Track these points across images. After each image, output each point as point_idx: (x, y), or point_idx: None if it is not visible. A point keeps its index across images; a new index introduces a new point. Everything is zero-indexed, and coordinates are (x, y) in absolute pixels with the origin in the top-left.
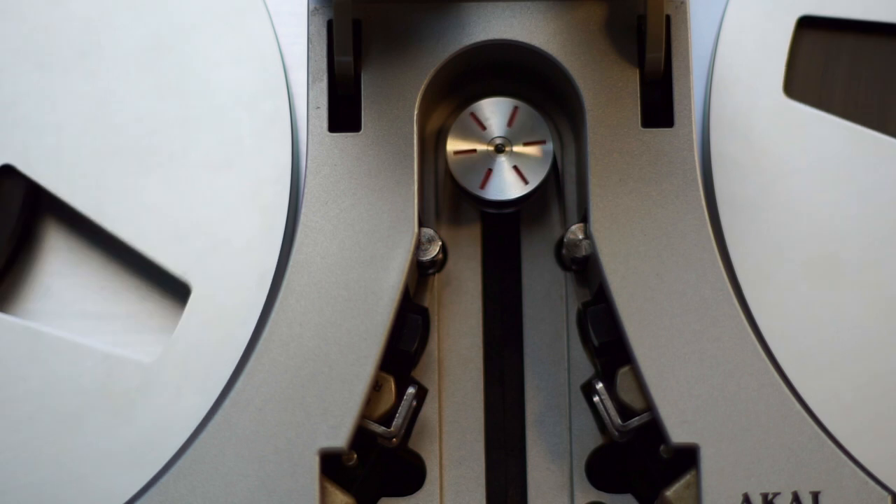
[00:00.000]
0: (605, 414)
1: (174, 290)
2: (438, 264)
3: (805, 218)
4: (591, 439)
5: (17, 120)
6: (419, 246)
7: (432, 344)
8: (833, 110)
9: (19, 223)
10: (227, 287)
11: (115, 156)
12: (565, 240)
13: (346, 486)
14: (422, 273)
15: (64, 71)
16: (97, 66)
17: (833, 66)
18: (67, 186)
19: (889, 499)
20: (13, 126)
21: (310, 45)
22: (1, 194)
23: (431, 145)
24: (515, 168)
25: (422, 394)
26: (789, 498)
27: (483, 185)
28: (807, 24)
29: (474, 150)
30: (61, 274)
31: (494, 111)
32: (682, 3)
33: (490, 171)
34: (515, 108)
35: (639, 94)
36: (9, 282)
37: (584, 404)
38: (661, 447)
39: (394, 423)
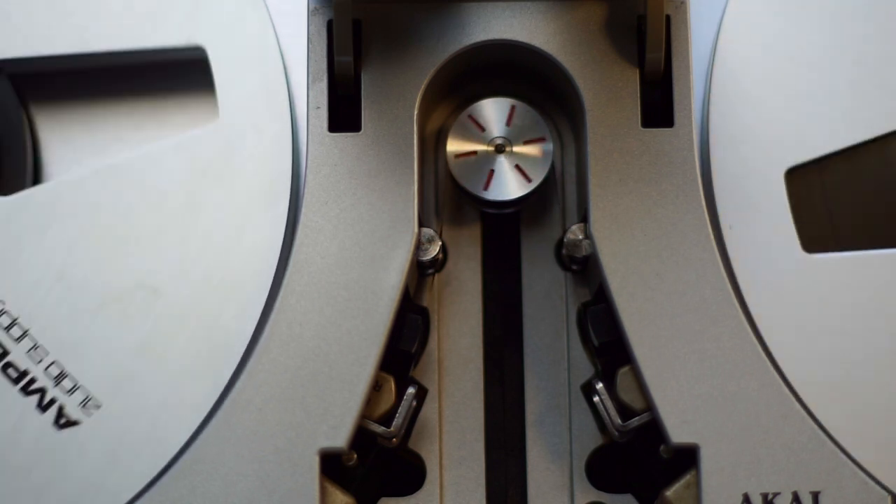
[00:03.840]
0: (605, 414)
1: (190, 74)
2: (438, 264)
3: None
4: (591, 439)
5: None
6: (419, 246)
7: (432, 344)
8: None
9: (18, 112)
10: (239, 36)
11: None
12: (565, 240)
13: (345, 486)
14: (422, 273)
15: None
16: None
17: None
18: (43, 41)
19: (889, 499)
20: None
21: (310, 45)
22: None
23: (431, 145)
24: (516, 168)
25: (422, 394)
26: (789, 498)
27: (483, 186)
28: None
29: (475, 153)
30: (77, 140)
31: (492, 111)
32: (682, 3)
33: (490, 171)
34: (513, 108)
35: (639, 94)
36: (46, 163)
37: (584, 404)
38: (661, 447)
39: (394, 423)
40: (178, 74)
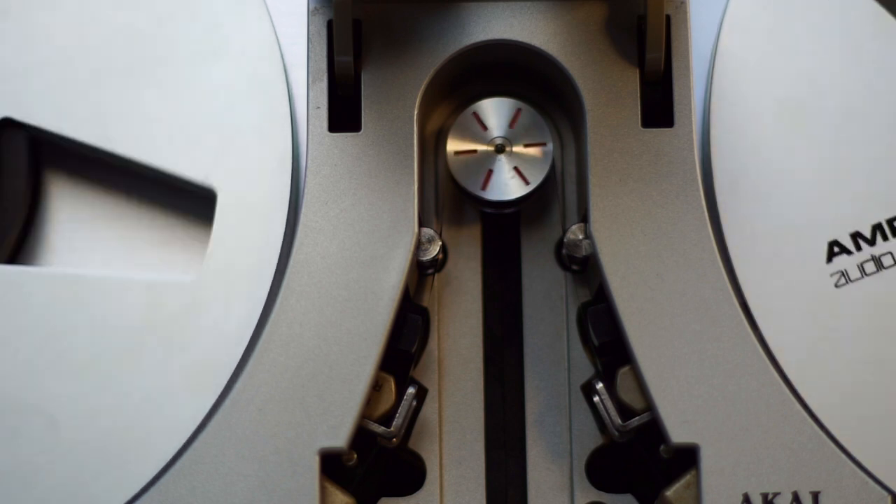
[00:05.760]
0: (605, 414)
1: (197, 203)
2: (438, 264)
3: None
4: (591, 439)
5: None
6: (419, 246)
7: (432, 344)
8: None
9: (29, 176)
10: (252, 181)
11: (107, 77)
12: (565, 240)
13: (345, 486)
14: (422, 273)
15: (27, 12)
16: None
17: None
18: (68, 122)
19: (889, 499)
20: None
21: (310, 45)
22: (6, 148)
23: (431, 145)
24: (515, 168)
25: (422, 394)
26: (789, 498)
27: (483, 186)
28: None
29: (475, 151)
30: (80, 220)
31: (497, 111)
32: (682, 3)
33: (490, 171)
34: (518, 110)
35: (639, 94)
36: (32, 237)
37: (584, 404)
38: (661, 447)
39: (394, 423)
40: (188, 197)
